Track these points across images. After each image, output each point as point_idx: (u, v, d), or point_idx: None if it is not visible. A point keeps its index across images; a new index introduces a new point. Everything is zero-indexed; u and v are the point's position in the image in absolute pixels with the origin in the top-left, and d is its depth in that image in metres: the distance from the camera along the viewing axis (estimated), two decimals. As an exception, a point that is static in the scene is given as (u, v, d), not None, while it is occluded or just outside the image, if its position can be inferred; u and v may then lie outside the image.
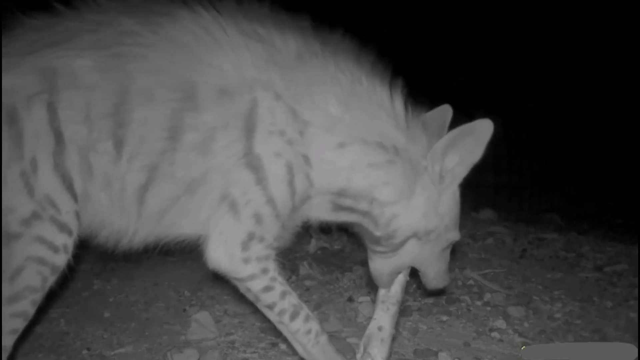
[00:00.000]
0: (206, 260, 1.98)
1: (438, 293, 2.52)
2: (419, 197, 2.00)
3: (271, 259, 1.98)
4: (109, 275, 3.37)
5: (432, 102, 2.15)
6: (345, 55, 1.98)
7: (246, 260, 1.94)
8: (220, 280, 3.30)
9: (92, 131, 1.83)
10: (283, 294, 2.00)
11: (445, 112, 2.13)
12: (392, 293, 2.20)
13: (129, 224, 1.95)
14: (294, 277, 3.32)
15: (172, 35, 1.88)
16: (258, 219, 1.92)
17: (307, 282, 3.26)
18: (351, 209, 2.03)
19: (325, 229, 3.87)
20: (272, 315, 2.04)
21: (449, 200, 2.05)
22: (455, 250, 3.82)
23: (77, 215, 1.89)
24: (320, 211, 2.05)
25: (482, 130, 1.97)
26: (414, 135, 2.01)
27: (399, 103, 2.01)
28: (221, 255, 1.95)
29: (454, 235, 2.10)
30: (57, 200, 1.83)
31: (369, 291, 3.13)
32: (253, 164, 1.89)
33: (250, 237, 1.93)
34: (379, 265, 2.13)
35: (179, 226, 1.99)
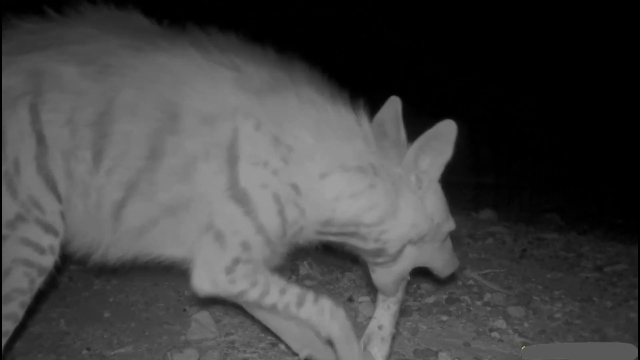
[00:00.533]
0: (193, 289, 1.95)
1: (451, 278, 2.57)
2: (404, 210, 2.00)
3: (258, 271, 1.94)
4: (109, 275, 3.37)
5: (432, 102, 2.16)
6: (308, 85, 1.98)
7: (232, 281, 1.91)
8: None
9: (74, 137, 1.82)
10: (282, 291, 1.96)
11: (394, 103, 2.10)
12: None
13: (102, 238, 1.92)
14: (294, 277, 3.32)
15: (155, 58, 1.87)
16: (246, 246, 1.90)
17: (307, 282, 3.27)
18: (339, 234, 2.04)
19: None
20: (280, 314, 2.00)
21: (432, 200, 2.06)
22: (455, 250, 3.84)
23: (63, 215, 1.87)
24: (310, 237, 2.06)
25: (446, 132, 1.99)
26: (383, 148, 2.02)
27: (365, 122, 2.02)
28: (204, 282, 1.92)
29: (449, 226, 2.11)
30: (41, 201, 1.82)
31: (369, 291, 3.13)
32: (239, 197, 1.87)
33: (236, 262, 1.90)
34: (381, 275, 2.12)
35: (161, 246, 1.96)
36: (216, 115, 1.86)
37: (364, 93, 2.11)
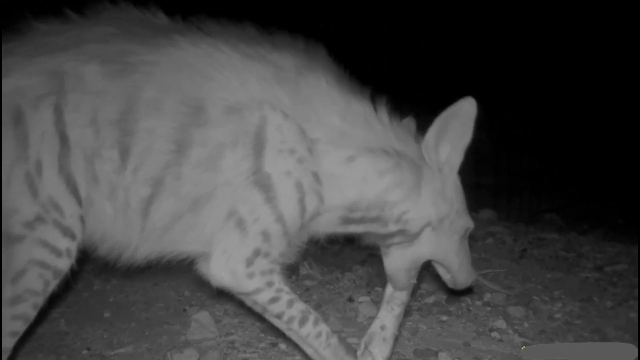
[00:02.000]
0: (208, 278, 1.96)
1: (466, 291, 2.48)
2: (425, 190, 2.03)
3: (276, 272, 1.96)
4: (109, 275, 3.37)
5: (432, 102, 2.16)
6: (333, 73, 2.00)
7: (250, 275, 1.92)
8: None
9: (98, 136, 1.82)
10: (290, 303, 1.98)
11: (409, 125, 2.15)
12: (397, 294, 2.19)
13: (131, 238, 1.92)
14: (294, 277, 3.31)
15: (175, 56, 1.88)
16: (266, 236, 1.91)
17: (307, 282, 3.27)
18: (361, 220, 2.04)
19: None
20: (280, 324, 2.03)
21: (452, 187, 2.09)
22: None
23: (82, 219, 1.86)
24: (328, 226, 2.05)
25: (466, 110, 2.00)
26: (403, 138, 2.05)
27: (383, 112, 2.04)
28: (223, 272, 1.92)
29: (467, 222, 2.13)
30: (61, 204, 1.81)
31: (369, 291, 3.14)
32: (262, 183, 1.88)
33: (256, 253, 1.91)
34: (394, 260, 2.11)
35: (182, 243, 1.96)
36: (243, 105, 1.88)
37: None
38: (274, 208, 1.90)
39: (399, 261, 2.11)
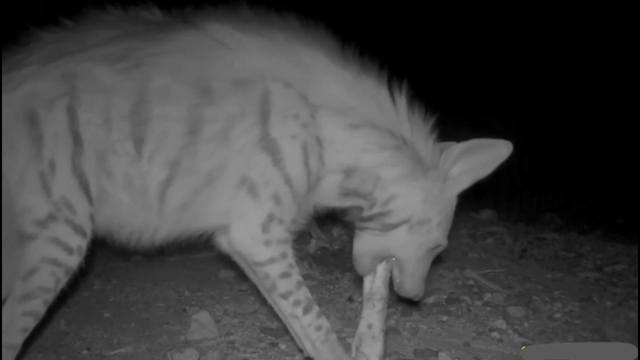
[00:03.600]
0: (230, 243, 2.02)
1: (409, 302, 2.46)
2: (421, 185, 2.06)
3: (289, 243, 2.04)
4: (109, 275, 3.37)
5: (432, 102, 2.16)
6: (330, 46, 2.06)
7: (267, 243, 1.99)
8: (220, 280, 3.32)
9: (111, 133, 1.88)
10: (299, 284, 2.05)
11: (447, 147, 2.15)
12: (375, 289, 2.21)
13: (150, 221, 1.99)
14: (294, 277, 3.32)
15: (177, 45, 1.95)
16: (277, 199, 1.98)
17: (307, 282, 3.25)
18: (356, 193, 2.07)
19: (325, 229, 3.89)
20: (285, 306, 2.06)
21: (446, 201, 2.11)
22: (455, 250, 3.85)
23: (92, 217, 1.91)
24: (328, 197, 2.10)
25: (500, 149, 2.06)
26: (420, 133, 2.07)
27: (401, 102, 2.07)
28: (244, 236, 2.00)
29: (442, 239, 2.13)
30: (73, 202, 1.86)
31: (369, 291, 3.13)
32: (270, 147, 1.96)
33: (270, 218, 1.98)
34: (364, 243, 2.16)
35: (201, 218, 2.03)
36: (248, 79, 1.95)
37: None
38: (282, 170, 1.97)
39: (367, 245, 2.15)
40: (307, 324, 2.05)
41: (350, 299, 3.07)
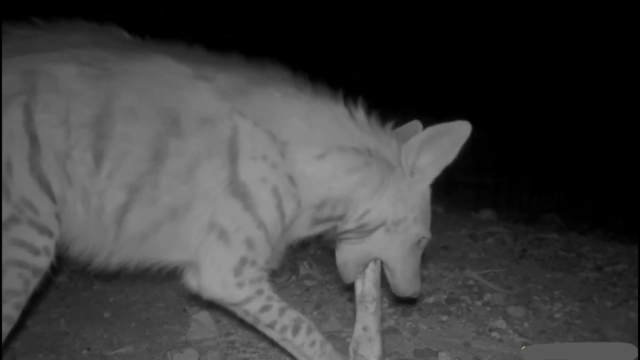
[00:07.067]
0: (199, 290, 1.97)
1: (409, 302, 2.47)
2: (390, 190, 2.05)
3: (264, 279, 1.99)
4: (109, 275, 3.37)
5: (432, 102, 2.16)
6: (287, 82, 2.03)
7: (240, 285, 1.94)
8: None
9: (69, 138, 1.81)
10: (281, 311, 2.00)
11: (415, 127, 2.16)
12: (365, 292, 2.20)
13: (104, 244, 1.92)
14: (294, 277, 3.32)
15: (149, 67, 1.90)
16: (250, 244, 1.93)
17: (307, 282, 3.27)
18: (329, 219, 2.06)
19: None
20: (274, 334, 2.04)
21: (418, 194, 2.09)
22: (455, 250, 3.85)
23: (58, 216, 1.85)
24: (300, 230, 2.07)
25: (459, 131, 2.02)
26: (382, 139, 2.07)
27: (359, 113, 2.07)
28: (214, 282, 1.94)
29: (424, 231, 2.11)
30: (34, 202, 1.80)
31: (369, 291, 3.13)
32: (239, 192, 1.90)
33: (243, 262, 1.93)
34: (344, 253, 2.14)
35: (164, 251, 1.97)
36: (215, 116, 1.90)
37: (365, 93, 2.13)
38: (254, 215, 1.92)
39: (348, 255, 2.13)
40: (300, 344, 2.02)
41: (350, 299, 3.06)
